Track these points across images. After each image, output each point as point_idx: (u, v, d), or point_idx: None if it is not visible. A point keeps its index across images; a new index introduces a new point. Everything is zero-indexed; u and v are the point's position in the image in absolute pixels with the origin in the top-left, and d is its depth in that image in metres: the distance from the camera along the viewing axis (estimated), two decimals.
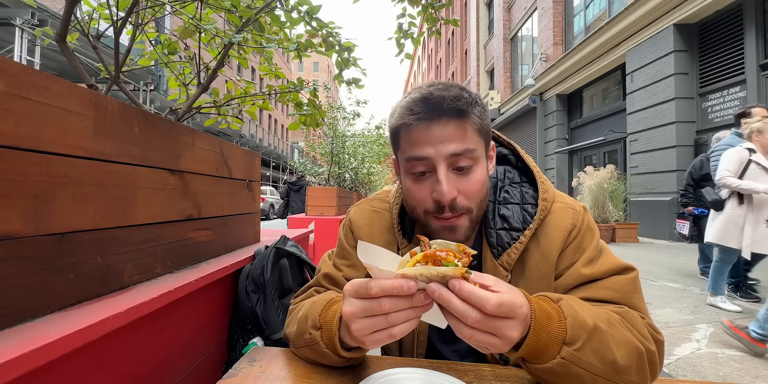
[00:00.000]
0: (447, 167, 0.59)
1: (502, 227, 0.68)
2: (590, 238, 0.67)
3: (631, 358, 0.50)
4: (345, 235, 0.79)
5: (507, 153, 0.78)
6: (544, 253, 0.66)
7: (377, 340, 0.46)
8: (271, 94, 1.51)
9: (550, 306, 0.50)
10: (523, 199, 0.70)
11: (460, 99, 0.58)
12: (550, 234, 0.66)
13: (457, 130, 0.58)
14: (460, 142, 0.58)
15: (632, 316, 0.57)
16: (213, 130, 11.92)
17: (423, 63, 42.14)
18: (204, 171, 1.00)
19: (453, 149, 0.58)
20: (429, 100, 0.58)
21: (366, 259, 0.46)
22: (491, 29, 17.34)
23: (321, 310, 0.59)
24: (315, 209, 4.70)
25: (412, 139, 0.60)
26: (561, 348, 0.47)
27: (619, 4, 8.48)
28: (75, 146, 0.59)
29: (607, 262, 0.63)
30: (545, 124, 12.16)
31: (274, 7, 1.25)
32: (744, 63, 6.06)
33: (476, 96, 0.61)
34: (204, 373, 0.94)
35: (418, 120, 0.58)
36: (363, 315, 0.45)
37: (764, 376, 1.88)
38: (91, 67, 2.01)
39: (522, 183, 0.73)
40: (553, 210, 0.68)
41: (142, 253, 0.75)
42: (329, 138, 6.49)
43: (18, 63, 0.51)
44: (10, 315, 0.49)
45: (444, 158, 0.58)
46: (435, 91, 0.59)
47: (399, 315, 0.44)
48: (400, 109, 0.62)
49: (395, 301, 0.44)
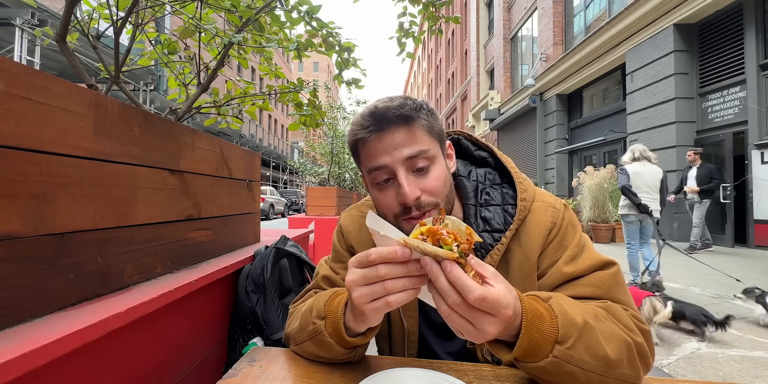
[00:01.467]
0: (405, 170, 0.61)
1: (484, 229, 0.69)
2: (572, 235, 0.67)
3: (621, 351, 0.51)
4: (338, 239, 0.83)
5: (486, 155, 0.79)
6: (525, 253, 0.67)
7: (376, 309, 0.48)
8: (271, 94, 1.51)
9: (540, 305, 0.50)
10: (503, 200, 0.71)
11: (404, 106, 0.62)
12: (530, 233, 0.67)
13: (407, 135, 0.61)
14: (413, 145, 0.61)
15: (615, 309, 0.58)
16: (213, 130, 11.92)
17: (423, 63, 42.13)
18: (204, 171, 1.00)
19: (407, 153, 0.61)
20: (375, 113, 0.62)
21: (372, 225, 0.50)
22: (491, 29, 17.34)
23: (326, 301, 0.61)
24: (315, 209, 4.70)
25: (368, 151, 0.63)
26: (553, 347, 0.47)
27: (619, 4, 8.48)
28: (75, 146, 0.59)
29: (588, 259, 0.64)
30: (545, 124, 12.16)
31: (274, 7, 1.25)
32: (744, 63, 6.05)
33: (422, 102, 0.65)
34: (204, 373, 0.94)
35: (369, 133, 0.62)
36: (362, 282, 0.48)
37: (764, 376, 1.88)
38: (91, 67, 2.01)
39: (502, 184, 0.74)
40: (533, 209, 0.69)
41: (142, 253, 0.75)
42: (329, 138, 6.49)
43: (18, 63, 0.51)
44: (10, 315, 0.49)
45: (401, 162, 0.61)
46: (379, 104, 0.63)
47: (395, 283, 0.46)
48: (352, 125, 0.66)
49: (391, 268, 0.46)
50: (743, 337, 2.41)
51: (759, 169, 5.82)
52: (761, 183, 5.77)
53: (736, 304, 3.01)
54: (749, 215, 5.99)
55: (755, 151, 5.84)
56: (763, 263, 4.75)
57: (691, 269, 4.35)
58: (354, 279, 0.48)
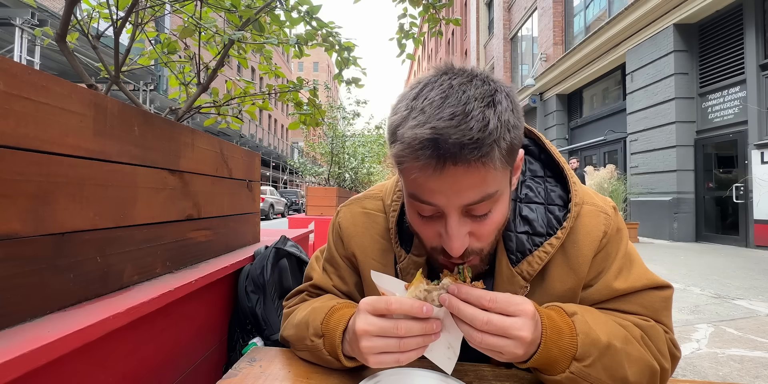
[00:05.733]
0: (460, 215, 0.48)
1: (523, 231, 0.58)
2: (618, 243, 0.60)
3: (643, 376, 0.50)
4: (335, 241, 0.71)
5: (528, 143, 0.65)
6: (572, 265, 0.57)
7: (381, 362, 0.46)
8: (270, 93, 1.51)
9: (562, 320, 0.50)
10: (548, 199, 0.60)
11: (484, 140, 0.41)
12: (579, 242, 0.57)
13: (476, 175, 0.44)
14: (480, 188, 0.45)
15: (656, 330, 0.56)
16: (213, 130, 11.91)
17: (423, 62, 42.15)
18: (204, 171, 1.00)
19: (469, 199, 0.46)
20: (440, 144, 0.41)
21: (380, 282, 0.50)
22: (491, 29, 17.33)
23: (323, 318, 0.58)
24: (315, 209, 4.71)
25: (416, 181, 0.46)
26: (571, 363, 0.47)
27: (619, 4, 8.47)
28: (75, 146, 0.59)
29: (643, 277, 0.58)
30: (545, 123, 12.16)
31: (274, 6, 1.25)
32: (744, 63, 6.05)
33: (507, 118, 0.44)
34: (204, 373, 0.94)
35: (423, 170, 0.44)
36: (377, 334, 0.46)
37: (764, 376, 1.88)
38: (91, 67, 2.01)
39: (546, 178, 0.62)
40: (582, 214, 0.58)
41: (142, 253, 0.75)
42: (329, 138, 6.49)
43: (18, 63, 0.51)
44: (10, 315, 0.49)
45: (456, 208, 0.47)
46: (449, 130, 0.41)
47: (411, 341, 0.45)
48: (400, 144, 0.44)
49: (411, 325, 0.45)
50: (743, 337, 2.41)
51: (759, 169, 5.82)
52: (761, 183, 5.76)
53: (736, 304, 3.01)
54: (749, 215, 5.99)
55: (755, 151, 5.84)
56: (763, 263, 4.75)
57: (692, 269, 4.35)
58: (368, 329, 0.46)
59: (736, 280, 3.78)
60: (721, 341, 2.32)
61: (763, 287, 3.48)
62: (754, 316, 2.68)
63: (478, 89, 0.44)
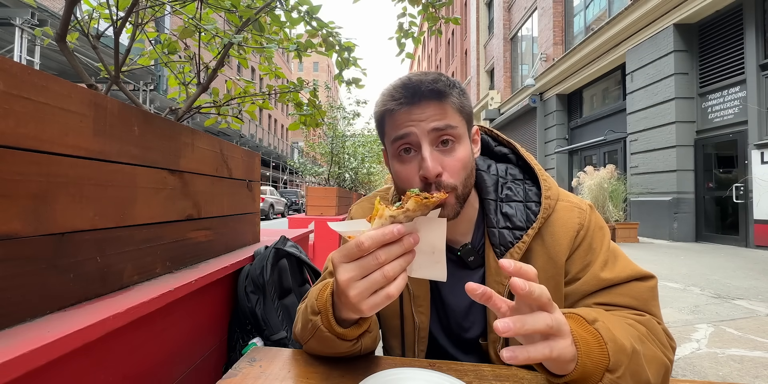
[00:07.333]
0: (430, 144, 0.60)
1: (504, 226, 0.67)
2: (600, 238, 0.65)
3: (659, 375, 0.50)
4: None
5: (507, 152, 0.77)
6: (551, 255, 0.64)
7: (374, 305, 0.45)
8: (271, 94, 1.51)
9: (585, 329, 0.48)
10: (526, 197, 0.69)
11: (438, 82, 0.60)
12: (556, 234, 0.65)
13: (437, 109, 0.60)
14: (441, 120, 0.60)
15: (653, 324, 0.57)
16: (213, 130, 11.91)
17: (423, 62, 42.13)
18: (204, 171, 1.00)
19: (434, 125, 0.59)
20: (408, 85, 0.61)
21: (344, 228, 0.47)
22: (491, 29, 17.33)
23: (317, 295, 0.59)
24: (315, 209, 4.70)
25: (395, 122, 0.62)
26: (603, 375, 0.45)
27: (619, 4, 8.48)
28: (75, 146, 0.59)
29: (627, 268, 0.63)
30: (545, 124, 12.16)
31: (274, 6, 1.25)
32: (744, 63, 6.05)
33: (455, 80, 0.64)
34: (204, 373, 0.94)
35: (400, 104, 0.61)
36: (360, 276, 0.44)
37: (764, 376, 1.88)
38: (91, 67, 2.01)
39: (525, 180, 0.72)
40: (557, 209, 0.67)
41: (142, 253, 0.75)
42: (329, 138, 6.49)
43: (18, 63, 0.51)
44: (10, 315, 0.49)
45: (426, 134, 0.60)
46: (413, 77, 0.62)
47: (393, 266, 0.44)
48: (382, 96, 0.64)
49: (389, 249, 0.44)
50: (743, 337, 2.41)
51: (759, 169, 5.82)
52: (761, 183, 5.77)
53: (736, 304, 3.01)
54: (749, 215, 5.99)
55: (755, 151, 5.84)
56: (763, 263, 4.75)
57: (692, 269, 4.36)
58: (350, 276, 0.44)
59: (736, 280, 3.78)
60: (721, 341, 2.32)
61: (763, 287, 3.48)
62: (754, 316, 2.68)
63: (436, 73, 0.63)
